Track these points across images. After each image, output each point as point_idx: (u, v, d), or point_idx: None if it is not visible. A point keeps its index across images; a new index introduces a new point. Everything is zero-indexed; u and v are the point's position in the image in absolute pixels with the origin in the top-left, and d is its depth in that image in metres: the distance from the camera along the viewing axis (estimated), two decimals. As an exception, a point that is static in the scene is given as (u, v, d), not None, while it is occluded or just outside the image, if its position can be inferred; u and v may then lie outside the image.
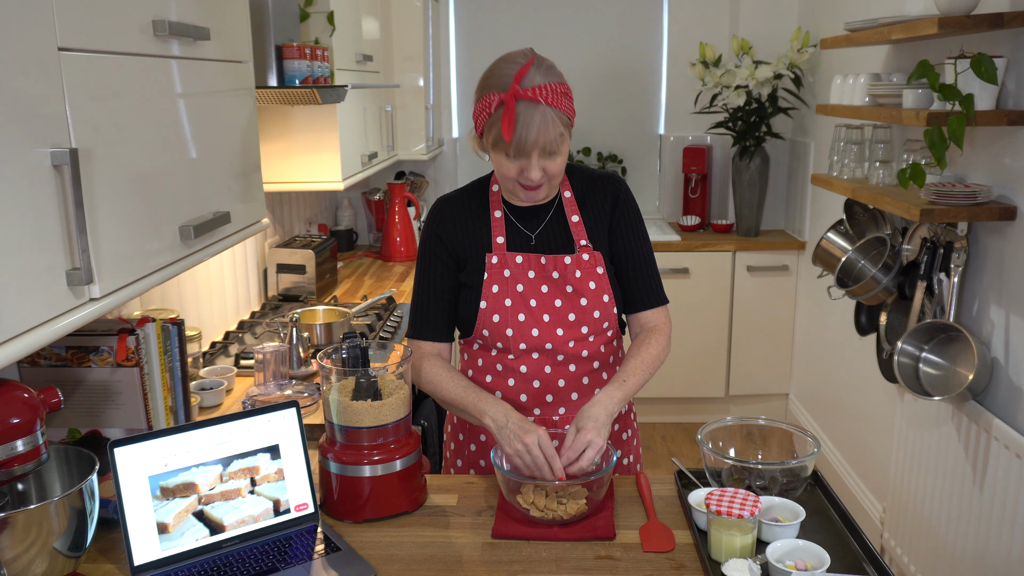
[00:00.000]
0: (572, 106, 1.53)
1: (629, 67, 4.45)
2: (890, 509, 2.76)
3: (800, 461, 1.51)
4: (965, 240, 2.31)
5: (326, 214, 3.98)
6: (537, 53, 1.54)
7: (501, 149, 1.51)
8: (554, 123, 1.48)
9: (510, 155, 1.51)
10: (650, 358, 1.64)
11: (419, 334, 1.70)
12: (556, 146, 1.51)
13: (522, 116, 1.47)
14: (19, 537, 1.16)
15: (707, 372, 4.13)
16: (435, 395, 1.67)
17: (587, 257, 1.64)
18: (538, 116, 1.47)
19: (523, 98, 1.47)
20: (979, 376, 2.16)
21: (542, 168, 1.52)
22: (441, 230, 1.67)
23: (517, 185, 1.56)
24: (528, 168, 1.51)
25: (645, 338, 1.67)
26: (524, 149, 1.49)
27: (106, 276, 1.20)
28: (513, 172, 1.53)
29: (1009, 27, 2.02)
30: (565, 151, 1.55)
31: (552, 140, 1.49)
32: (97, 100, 1.19)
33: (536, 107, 1.47)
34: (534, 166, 1.51)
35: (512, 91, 1.47)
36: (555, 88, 1.49)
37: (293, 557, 1.37)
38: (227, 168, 1.68)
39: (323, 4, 2.61)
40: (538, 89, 1.47)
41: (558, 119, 1.49)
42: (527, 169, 1.52)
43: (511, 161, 1.52)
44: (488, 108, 1.50)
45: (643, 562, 1.37)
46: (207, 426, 1.40)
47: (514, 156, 1.51)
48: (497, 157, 1.54)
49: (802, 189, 3.97)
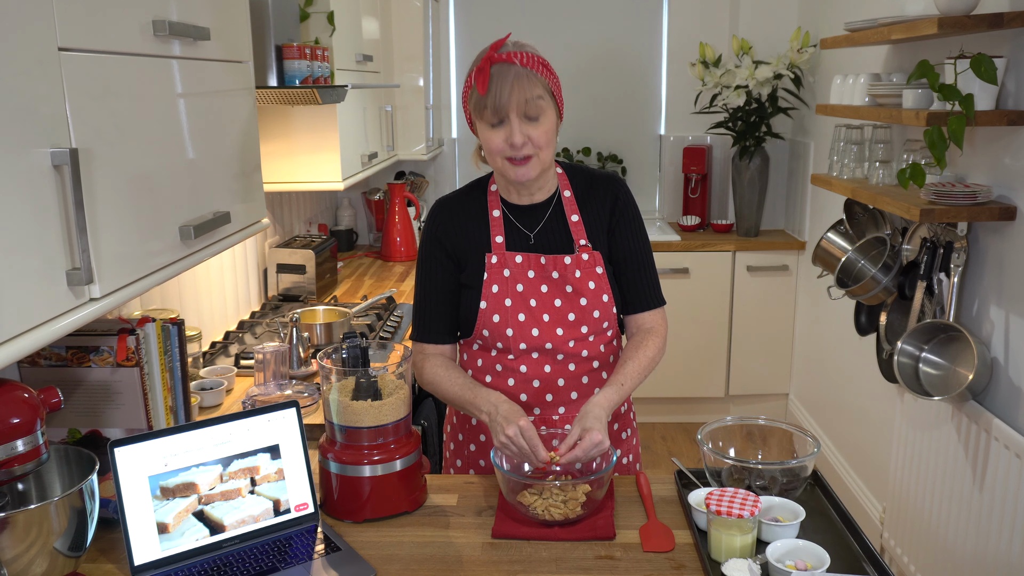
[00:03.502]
0: (555, 78, 1.56)
1: (629, 67, 4.45)
2: (890, 509, 2.76)
3: (800, 461, 1.52)
4: (965, 240, 2.31)
5: (326, 214, 3.98)
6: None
7: (483, 118, 1.53)
8: (530, 81, 1.51)
9: (492, 122, 1.53)
10: (647, 360, 1.64)
11: (423, 337, 1.70)
12: (536, 109, 1.52)
13: (496, 75, 1.51)
14: (19, 537, 1.16)
15: (707, 372, 4.13)
16: (437, 394, 1.67)
17: (587, 257, 1.64)
18: (512, 73, 1.50)
19: (498, 61, 1.51)
20: (979, 376, 2.16)
21: (526, 135, 1.52)
22: (440, 232, 1.67)
23: (506, 163, 1.56)
24: (511, 133, 1.52)
25: (642, 340, 1.67)
26: (501, 106, 1.50)
27: (106, 276, 1.20)
28: (499, 143, 1.54)
29: (1009, 27, 2.02)
30: (549, 119, 1.55)
31: (530, 100, 1.51)
32: (97, 100, 1.19)
33: (511, 67, 1.51)
34: (516, 129, 1.52)
35: (487, 56, 1.51)
36: (532, 56, 1.53)
37: (293, 557, 1.37)
38: (227, 168, 1.68)
39: (323, 4, 2.61)
40: (513, 54, 1.52)
41: (536, 80, 1.51)
42: (510, 135, 1.52)
43: (495, 131, 1.53)
44: (468, 83, 1.55)
45: (643, 562, 1.37)
46: (207, 426, 1.40)
47: (494, 117, 1.52)
48: (483, 131, 1.56)
49: (802, 189, 3.97)
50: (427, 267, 1.69)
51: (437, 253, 1.68)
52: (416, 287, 1.72)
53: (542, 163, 1.58)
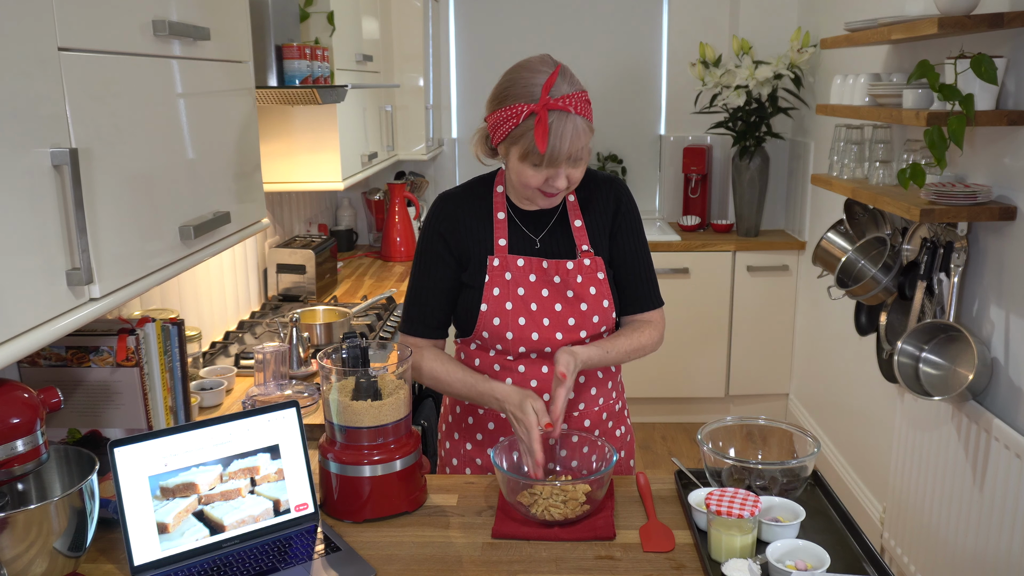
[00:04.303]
0: (592, 112, 1.55)
1: (629, 67, 4.45)
2: (890, 509, 2.76)
3: (800, 461, 1.52)
4: (965, 240, 2.31)
5: (326, 214, 3.98)
6: (556, 60, 1.54)
7: (529, 160, 1.51)
8: (584, 132, 1.49)
9: (539, 165, 1.51)
10: (638, 344, 1.67)
11: (415, 331, 1.70)
12: (583, 154, 1.52)
13: (555, 127, 1.46)
14: (19, 537, 1.16)
15: (707, 372, 4.13)
16: (438, 387, 1.67)
17: (588, 263, 1.65)
18: (571, 127, 1.47)
19: (554, 108, 1.46)
20: (979, 376, 2.16)
21: (567, 176, 1.53)
22: (444, 228, 1.66)
23: (538, 193, 1.57)
24: (555, 177, 1.52)
25: (640, 327, 1.69)
26: (556, 159, 1.49)
27: (106, 276, 1.20)
28: (538, 181, 1.53)
29: (1009, 27, 2.02)
30: (587, 157, 1.56)
31: (581, 148, 1.51)
32: (97, 100, 1.19)
33: (567, 117, 1.47)
34: (562, 175, 1.52)
35: (543, 102, 1.46)
36: (581, 96, 1.50)
37: (293, 557, 1.37)
38: (227, 168, 1.68)
39: (323, 4, 2.61)
40: (567, 99, 1.47)
41: (587, 127, 1.50)
42: (554, 178, 1.52)
43: (538, 171, 1.52)
44: (514, 118, 1.48)
45: (643, 562, 1.37)
46: (207, 426, 1.40)
47: (545, 166, 1.51)
48: (522, 167, 1.53)
49: (802, 189, 3.97)
50: (426, 262, 1.68)
51: (439, 248, 1.67)
52: (411, 280, 1.70)
53: (570, 192, 1.62)
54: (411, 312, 1.70)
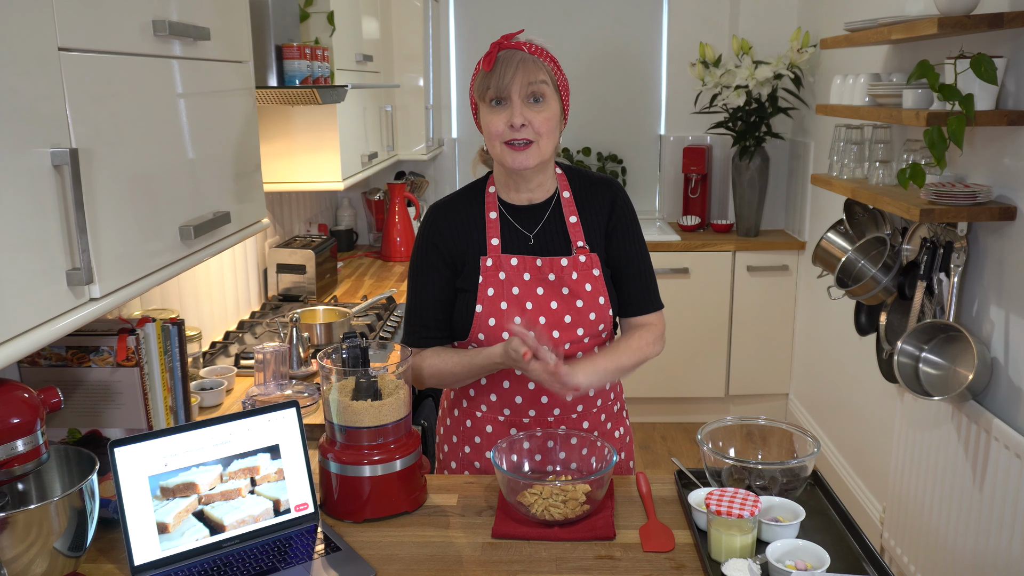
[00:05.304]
0: (562, 74, 1.59)
1: (629, 67, 4.45)
2: (890, 509, 2.76)
3: (800, 461, 1.52)
4: (965, 240, 2.31)
5: (326, 214, 3.98)
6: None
7: (486, 98, 1.55)
8: (535, 65, 1.53)
9: (496, 100, 1.54)
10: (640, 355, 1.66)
11: (418, 343, 1.69)
12: (539, 91, 1.53)
13: (503, 57, 1.53)
14: (19, 537, 1.16)
15: (707, 372, 4.13)
16: (443, 382, 1.67)
17: (584, 259, 1.64)
18: (518, 57, 1.53)
19: (507, 47, 1.54)
20: (979, 376, 2.16)
21: (527, 118, 1.53)
22: (437, 238, 1.66)
23: (505, 148, 1.56)
24: (512, 115, 1.52)
25: (642, 335, 1.67)
26: (504, 85, 1.51)
27: (106, 276, 1.20)
28: (500, 125, 1.54)
29: (1009, 27, 2.02)
30: (551, 107, 1.56)
31: (534, 83, 1.52)
32: (97, 100, 1.19)
33: (517, 52, 1.54)
34: (517, 110, 1.52)
35: (497, 42, 1.55)
36: (541, 48, 1.56)
37: (293, 557, 1.37)
38: (227, 168, 1.68)
39: (323, 4, 2.61)
40: (522, 43, 1.55)
41: (541, 66, 1.54)
42: (511, 116, 1.53)
43: (496, 113, 1.54)
44: (477, 68, 1.57)
45: (643, 562, 1.37)
46: (207, 426, 1.40)
47: (496, 97, 1.53)
48: (485, 116, 1.56)
49: (802, 189, 3.97)
50: (423, 274, 1.67)
51: (433, 259, 1.66)
52: (409, 293, 1.70)
53: (541, 153, 1.57)
54: (412, 324, 1.69)
